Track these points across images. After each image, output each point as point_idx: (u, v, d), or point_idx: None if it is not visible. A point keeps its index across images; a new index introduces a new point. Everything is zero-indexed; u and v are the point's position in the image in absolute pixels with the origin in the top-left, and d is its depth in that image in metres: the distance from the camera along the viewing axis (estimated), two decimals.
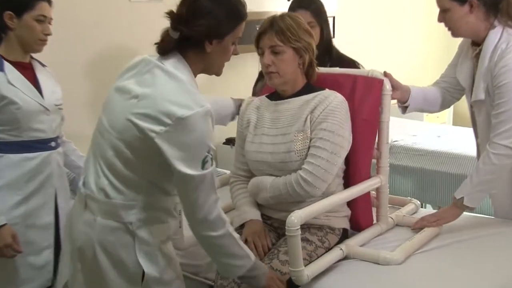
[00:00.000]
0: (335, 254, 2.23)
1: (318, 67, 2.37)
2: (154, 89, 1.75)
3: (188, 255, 2.39)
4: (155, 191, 1.85)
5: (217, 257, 1.91)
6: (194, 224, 1.83)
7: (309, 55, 2.28)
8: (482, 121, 2.46)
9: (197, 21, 1.78)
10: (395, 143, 4.04)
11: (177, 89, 1.75)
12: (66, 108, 2.58)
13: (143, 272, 1.84)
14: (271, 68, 2.23)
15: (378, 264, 2.19)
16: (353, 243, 2.31)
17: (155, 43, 1.85)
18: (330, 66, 2.76)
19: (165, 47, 1.82)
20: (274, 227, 2.33)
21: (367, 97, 2.37)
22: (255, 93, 2.84)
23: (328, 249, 2.23)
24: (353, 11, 5.24)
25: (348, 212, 2.38)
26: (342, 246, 2.26)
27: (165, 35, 1.84)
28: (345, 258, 2.25)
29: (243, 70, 3.94)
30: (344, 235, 2.35)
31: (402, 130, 4.25)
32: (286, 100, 2.32)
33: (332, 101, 2.23)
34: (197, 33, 1.79)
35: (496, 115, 2.32)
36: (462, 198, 2.39)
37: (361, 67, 2.84)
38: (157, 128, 1.71)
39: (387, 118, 2.41)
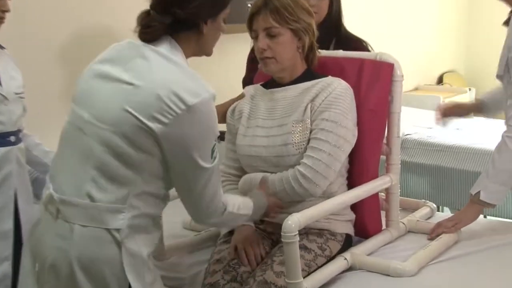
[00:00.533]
0: (338, 264, 2.12)
1: (319, 50, 2.27)
2: (153, 75, 1.70)
3: (169, 267, 2.26)
4: (148, 193, 1.76)
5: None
6: (201, 217, 1.86)
7: (309, 37, 2.18)
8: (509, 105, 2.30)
9: (192, 1, 1.74)
10: (408, 137, 3.87)
11: (179, 74, 1.72)
12: (37, 99, 2.45)
13: None
14: (266, 53, 2.14)
15: (388, 276, 2.10)
16: (359, 251, 2.21)
17: (139, 30, 1.77)
18: (335, 47, 2.65)
19: (154, 33, 1.76)
20: (268, 232, 2.22)
21: (375, 84, 2.26)
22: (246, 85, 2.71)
23: (330, 258, 2.13)
24: None
25: (352, 216, 2.27)
26: (347, 255, 2.16)
27: (151, 20, 1.76)
28: (350, 268, 2.16)
29: (233, 53, 3.75)
30: (348, 242, 2.23)
31: (416, 122, 4.07)
32: (283, 87, 2.23)
33: (336, 88, 2.15)
34: (192, 15, 1.76)
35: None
36: (479, 193, 2.29)
37: (369, 48, 2.73)
38: (164, 118, 1.66)
39: (398, 109, 2.31)
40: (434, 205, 2.70)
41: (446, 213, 3.00)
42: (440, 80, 6.03)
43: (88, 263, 1.71)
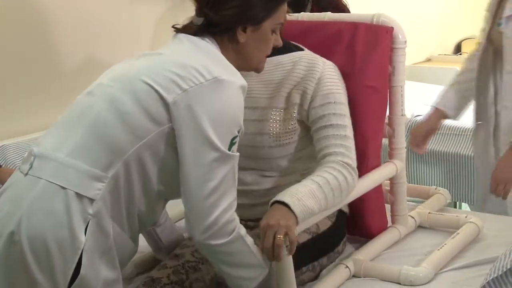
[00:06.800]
0: (339, 273, 2.05)
1: (293, 14, 2.21)
2: (185, 50, 1.77)
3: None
4: (139, 175, 1.70)
5: (223, 267, 1.82)
6: (200, 229, 1.72)
7: None
8: None
9: (226, 2, 1.77)
10: (418, 118, 3.62)
11: (211, 57, 1.75)
12: None
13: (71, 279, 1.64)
14: None
15: (399, 284, 2.03)
16: (363, 256, 2.13)
17: (173, 27, 1.84)
18: (312, 9, 2.57)
19: (188, 31, 1.81)
20: (250, 227, 2.10)
21: (373, 55, 2.16)
22: None
23: (316, 235, 2.06)
24: None
25: None
26: (348, 262, 2.08)
27: (189, 22, 1.83)
28: (353, 276, 2.08)
29: None
30: (340, 220, 2.17)
31: (428, 100, 3.78)
32: None
33: (325, 68, 2.07)
34: (226, 18, 1.77)
35: None
36: None
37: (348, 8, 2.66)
38: (185, 84, 1.67)
39: (401, 81, 2.21)
40: (447, 192, 2.61)
41: (465, 210, 2.93)
42: (457, 49, 5.73)
43: (36, 228, 1.62)
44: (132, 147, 1.68)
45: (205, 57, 1.75)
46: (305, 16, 2.28)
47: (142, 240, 1.93)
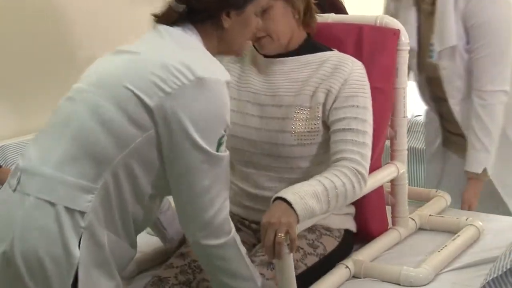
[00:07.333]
0: (338, 273, 2.04)
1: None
2: (163, 47, 1.72)
3: None
4: (128, 182, 1.67)
5: (216, 273, 1.81)
6: (195, 228, 1.72)
7: None
8: (456, 74, 2.54)
9: None
10: (418, 118, 3.67)
11: (193, 51, 1.72)
12: None
13: None
14: (259, 33, 2.01)
15: (399, 285, 2.03)
16: (363, 257, 2.12)
17: (153, 15, 1.78)
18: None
19: (168, 20, 1.76)
20: (253, 229, 2.14)
21: (379, 56, 2.15)
22: None
23: (324, 257, 2.04)
24: None
25: (352, 209, 2.19)
26: (348, 262, 2.07)
27: (168, 7, 1.77)
28: (353, 277, 2.08)
29: None
30: (348, 239, 2.15)
31: None
32: (279, 59, 2.10)
33: (353, 69, 2.03)
34: (209, 5, 1.74)
35: (482, 59, 2.45)
36: (485, 169, 2.51)
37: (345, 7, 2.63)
38: (167, 87, 1.62)
39: (404, 83, 2.21)
40: (448, 195, 2.59)
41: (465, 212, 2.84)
42: None
43: (30, 246, 1.60)
44: (119, 154, 1.66)
45: (187, 52, 1.71)
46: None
47: (142, 239, 1.93)
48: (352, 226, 2.17)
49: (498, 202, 2.60)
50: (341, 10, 2.58)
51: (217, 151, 1.67)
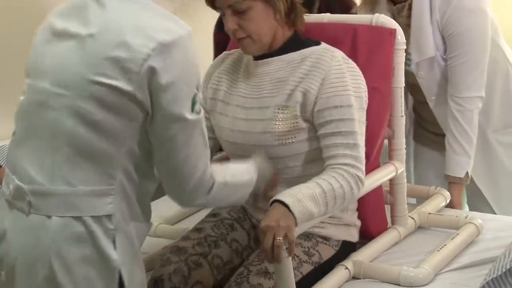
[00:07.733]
0: (338, 274, 2.03)
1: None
2: (112, 21, 1.62)
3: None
4: (134, 171, 1.68)
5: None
6: (185, 197, 1.73)
7: None
8: (434, 82, 2.60)
9: None
10: None
11: (144, 11, 1.64)
12: None
13: None
14: (238, 34, 1.99)
15: (399, 285, 2.04)
16: (362, 257, 2.11)
17: None
18: (319, 10, 2.56)
19: None
20: (246, 230, 2.16)
21: (376, 56, 2.16)
22: None
23: (319, 265, 2.02)
24: None
25: (352, 218, 2.15)
26: (348, 263, 2.06)
27: None
28: (353, 278, 2.08)
29: (198, 19, 3.44)
30: (346, 249, 2.13)
31: None
32: (264, 60, 2.07)
33: (331, 65, 1.99)
34: None
35: (458, 66, 2.51)
36: (467, 173, 2.55)
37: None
38: (134, 66, 1.57)
39: (401, 83, 2.21)
40: (447, 193, 2.58)
41: (465, 210, 2.86)
42: None
43: (70, 262, 1.61)
44: (119, 150, 1.65)
45: (138, 12, 1.64)
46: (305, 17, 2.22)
47: (145, 241, 1.92)
48: (352, 237, 2.15)
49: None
50: (351, 8, 2.61)
51: (192, 111, 1.65)
